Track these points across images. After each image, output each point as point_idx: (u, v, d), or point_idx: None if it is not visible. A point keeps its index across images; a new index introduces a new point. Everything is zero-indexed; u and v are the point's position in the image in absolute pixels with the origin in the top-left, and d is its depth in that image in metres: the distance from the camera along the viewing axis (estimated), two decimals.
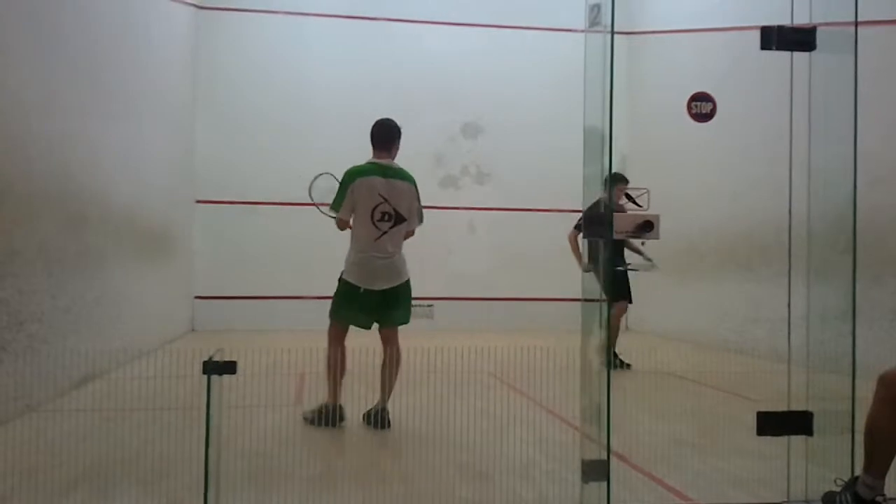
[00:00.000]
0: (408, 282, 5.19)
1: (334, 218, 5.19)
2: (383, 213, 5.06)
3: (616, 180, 7.37)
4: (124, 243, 7.50)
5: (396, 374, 5.09)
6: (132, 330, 7.53)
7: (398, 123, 5.40)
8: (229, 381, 2.99)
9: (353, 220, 5.09)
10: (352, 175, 5.11)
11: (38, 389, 5.09)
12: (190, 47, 11.14)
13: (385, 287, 5.08)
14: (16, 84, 5.01)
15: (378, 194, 5.04)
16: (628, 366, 7.20)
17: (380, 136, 5.34)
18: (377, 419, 4.89)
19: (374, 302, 5.07)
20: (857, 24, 3.28)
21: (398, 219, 5.10)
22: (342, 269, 5.18)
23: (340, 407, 4.94)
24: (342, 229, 5.23)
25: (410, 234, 5.32)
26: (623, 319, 8.11)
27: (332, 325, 5.20)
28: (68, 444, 4.18)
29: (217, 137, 11.68)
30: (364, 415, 5.02)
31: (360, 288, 5.03)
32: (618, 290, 7.22)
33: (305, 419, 4.96)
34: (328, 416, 4.81)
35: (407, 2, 12.39)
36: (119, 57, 7.47)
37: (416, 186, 5.25)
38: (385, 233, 5.07)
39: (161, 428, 4.64)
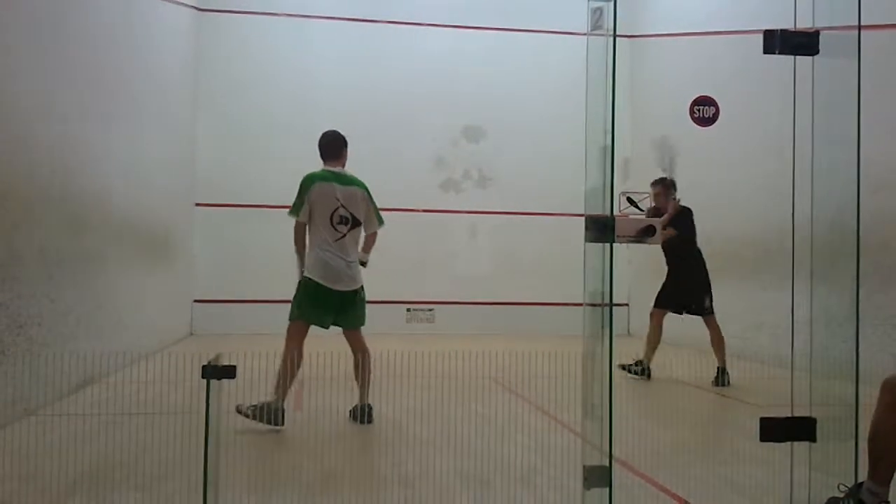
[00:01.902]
0: (362, 287, 5.44)
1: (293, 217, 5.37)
2: (341, 217, 5.33)
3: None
4: (124, 246, 7.49)
5: (370, 370, 5.30)
6: (131, 334, 7.51)
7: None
8: (229, 386, 2.97)
9: (312, 225, 5.31)
10: (311, 180, 5.42)
11: (37, 393, 5.07)
12: (191, 50, 11.14)
13: (344, 289, 5.28)
14: (16, 87, 5.00)
15: (335, 198, 5.35)
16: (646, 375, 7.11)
17: (330, 148, 5.76)
18: (361, 414, 5.12)
19: (334, 302, 5.28)
20: (860, 27, 3.26)
21: (354, 222, 5.37)
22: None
23: (283, 409, 4.92)
24: (300, 233, 5.39)
25: (373, 237, 5.58)
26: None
27: (295, 325, 5.32)
28: (67, 449, 4.16)
29: (217, 140, 11.68)
30: (350, 411, 5.22)
31: (325, 287, 5.22)
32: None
33: (240, 412, 4.77)
34: (270, 415, 4.80)
35: (408, 4, 12.39)
36: (120, 60, 7.46)
37: (368, 192, 5.61)
38: (344, 235, 5.31)
39: (160, 432, 4.61)
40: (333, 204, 5.33)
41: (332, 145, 5.76)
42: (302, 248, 5.38)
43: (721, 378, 6.66)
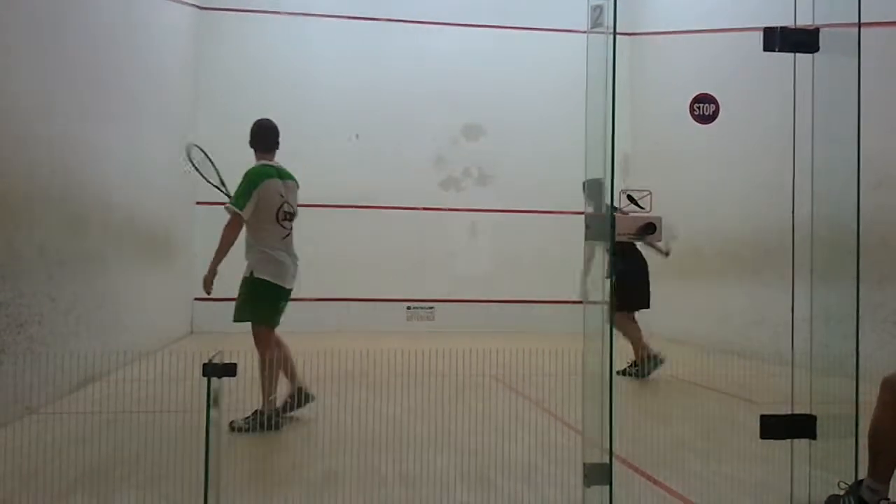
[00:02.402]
0: None
1: (233, 211, 5.25)
2: (286, 213, 5.27)
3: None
4: (124, 245, 7.49)
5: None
6: (132, 332, 7.52)
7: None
8: (229, 384, 2.98)
9: (254, 221, 5.18)
10: (260, 176, 5.22)
11: (37, 392, 5.07)
12: (191, 48, 11.14)
13: (291, 287, 5.32)
14: (16, 86, 5.00)
15: (279, 194, 5.23)
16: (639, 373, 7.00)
17: (269, 138, 5.50)
18: (293, 405, 5.08)
19: (285, 301, 5.30)
20: (860, 25, 3.26)
21: (293, 217, 5.35)
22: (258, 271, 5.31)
23: (278, 412, 4.91)
24: (237, 228, 5.26)
25: None
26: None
27: (263, 330, 5.20)
28: (68, 447, 4.16)
29: (218, 139, 11.64)
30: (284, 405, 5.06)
31: (280, 286, 5.21)
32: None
33: (235, 428, 4.70)
34: (267, 422, 4.78)
35: (408, 3, 12.39)
36: (120, 58, 7.46)
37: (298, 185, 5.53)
38: (289, 232, 5.29)
39: (161, 430, 4.62)
40: (279, 200, 5.20)
41: (271, 136, 5.52)
42: (228, 246, 5.28)
43: (635, 369, 6.92)
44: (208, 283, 5.38)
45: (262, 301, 5.19)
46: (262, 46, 11.96)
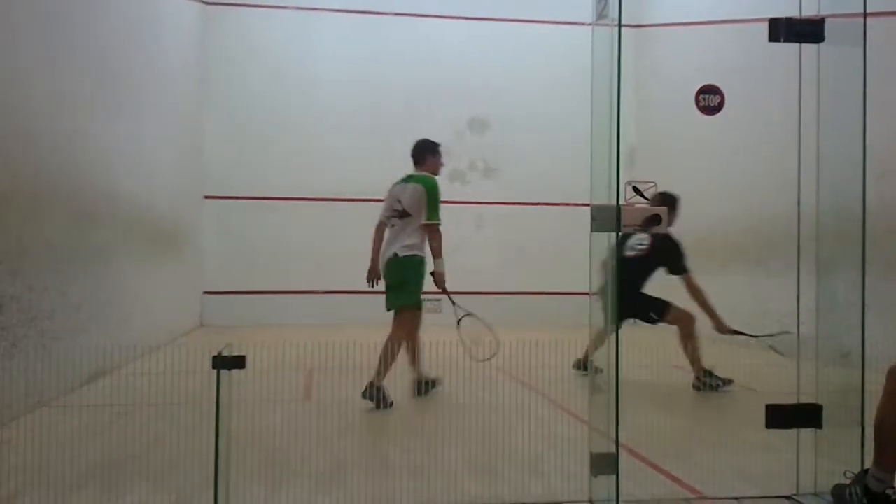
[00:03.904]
0: None
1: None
2: (395, 210, 6.06)
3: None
4: (133, 240, 7.53)
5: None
6: (142, 326, 7.57)
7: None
8: (239, 376, 3.00)
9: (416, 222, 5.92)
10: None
11: (49, 385, 5.12)
12: (198, 43, 11.16)
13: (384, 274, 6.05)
14: (24, 82, 5.03)
15: (395, 197, 6.13)
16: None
17: (413, 153, 6.54)
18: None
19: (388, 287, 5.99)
20: (865, 15, 3.26)
21: (400, 214, 6.07)
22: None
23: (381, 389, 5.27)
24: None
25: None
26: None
27: (418, 313, 5.93)
28: (79, 440, 4.20)
29: (225, 133, 11.71)
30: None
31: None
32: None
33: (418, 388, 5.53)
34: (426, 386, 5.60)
35: None
36: (127, 54, 7.49)
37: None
38: (394, 226, 6.05)
39: (171, 423, 4.66)
40: (391, 201, 6.14)
41: (413, 149, 6.56)
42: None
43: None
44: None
45: (421, 286, 6.03)
46: (268, 41, 11.97)
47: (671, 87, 10.83)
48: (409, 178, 6.08)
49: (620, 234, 3.71)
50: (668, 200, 6.17)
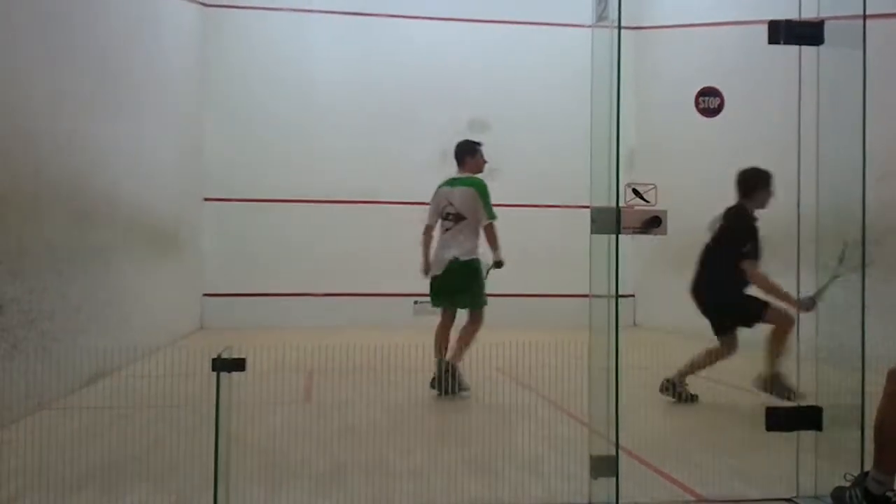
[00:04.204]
0: None
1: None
2: (447, 213, 6.32)
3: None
4: (133, 241, 7.53)
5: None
6: (142, 327, 7.57)
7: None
8: (239, 378, 3.00)
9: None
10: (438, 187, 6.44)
11: (49, 387, 5.12)
12: (197, 45, 11.17)
13: (437, 272, 6.35)
14: (24, 82, 5.03)
15: (446, 199, 6.38)
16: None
17: (455, 155, 6.83)
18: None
19: (438, 284, 6.34)
20: (865, 17, 3.26)
21: (455, 217, 6.32)
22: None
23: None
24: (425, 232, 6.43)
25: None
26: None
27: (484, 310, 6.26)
28: (79, 442, 4.20)
29: (225, 135, 11.71)
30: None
31: (434, 273, 6.30)
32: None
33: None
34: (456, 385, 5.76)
35: None
36: (126, 55, 7.49)
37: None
38: (450, 227, 6.29)
39: (171, 425, 4.66)
40: (444, 203, 6.36)
41: (456, 151, 6.82)
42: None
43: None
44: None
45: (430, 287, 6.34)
46: (267, 43, 11.97)
47: (671, 89, 10.84)
48: (454, 182, 6.34)
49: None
50: (758, 177, 5.82)
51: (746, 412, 5.21)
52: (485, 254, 6.31)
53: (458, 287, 6.07)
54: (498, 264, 6.18)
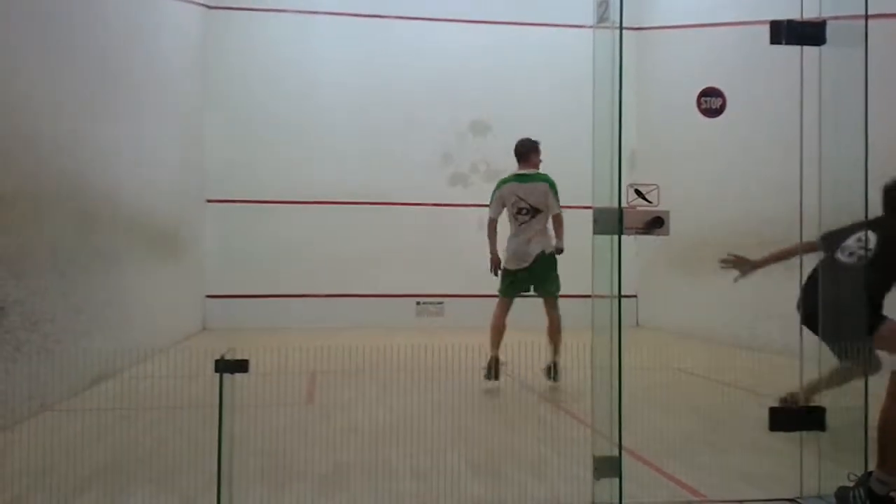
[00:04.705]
0: None
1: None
2: (519, 209, 6.64)
3: None
4: (135, 243, 7.54)
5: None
6: (144, 329, 7.57)
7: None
8: (241, 380, 3.01)
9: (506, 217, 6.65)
10: (498, 184, 6.85)
11: (52, 389, 5.13)
12: (199, 47, 11.18)
13: (516, 267, 6.74)
14: (25, 84, 5.04)
15: (515, 195, 6.66)
16: None
17: (517, 152, 6.89)
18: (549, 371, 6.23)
19: (514, 277, 6.76)
20: (867, 17, 3.26)
21: (528, 212, 6.60)
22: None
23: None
24: (489, 226, 6.85)
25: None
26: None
27: (500, 299, 6.74)
28: (82, 443, 4.21)
29: (227, 137, 11.72)
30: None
31: (506, 268, 6.76)
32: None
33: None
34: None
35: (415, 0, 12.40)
36: (128, 56, 7.50)
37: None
38: (524, 223, 6.61)
39: (174, 426, 4.67)
40: (513, 199, 6.60)
41: (518, 148, 6.84)
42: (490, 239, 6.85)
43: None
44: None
45: (502, 278, 6.76)
46: (270, 44, 11.98)
47: (673, 90, 10.84)
48: (524, 177, 6.59)
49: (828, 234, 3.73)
50: None
51: (750, 412, 5.21)
52: None
53: (545, 277, 6.54)
54: (559, 251, 6.57)
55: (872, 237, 4.39)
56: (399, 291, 11.99)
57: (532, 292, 6.65)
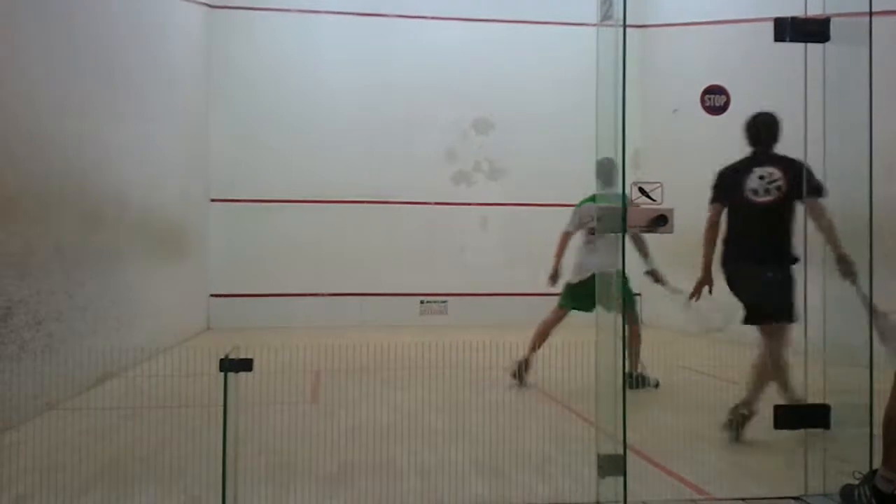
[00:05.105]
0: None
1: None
2: (591, 228, 6.50)
3: None
4: (140, 242, 7.55)
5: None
6: (149, 328, 7.59)
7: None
8: (246, 379, 3.01)
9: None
10: (581, 202, 6.74)
11: (57, 388, 5.14)
12: (203, 47, 11.19)
13: (576, 280, 6.79)
14: (30, 85, 5.05)
15: (589, 214, 6.49)
16: None
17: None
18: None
19: (580, 291, 6.61)
20: (871, 14, 3.25)
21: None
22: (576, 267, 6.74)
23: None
24: (563, 238, 6.90)
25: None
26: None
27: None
28: (87, 442, 4.22)
29: (231, 136, 11.74)
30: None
31: (570, 282, 6.87)
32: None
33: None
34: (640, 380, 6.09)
35: None
36: (133, 56, 7.51)
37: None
38: (592, 241, 6.51)
39: (178, 425, 4.67)
40: (588, 218, 6.53)
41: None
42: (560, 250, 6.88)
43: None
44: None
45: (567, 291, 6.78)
46: (273, 44, 11.99)
47: (676, 88, 10.81)
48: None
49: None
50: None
51: (754, 410, 5.20)
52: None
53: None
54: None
55: (776, 172, 4.48)
56: (402, 290, 12.00)
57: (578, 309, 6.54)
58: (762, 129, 4.77)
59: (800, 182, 4.03)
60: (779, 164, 4.47)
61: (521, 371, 6.13)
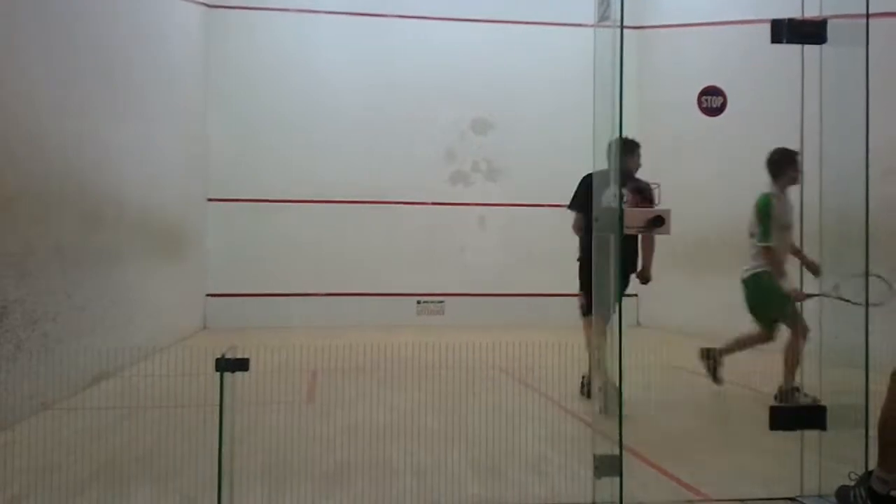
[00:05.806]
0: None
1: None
2: (751, 233, 5.83)
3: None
4: (138, 242, 7.54)
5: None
6: (146, 328, 7.58)
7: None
8: (242, 378, 3.01)
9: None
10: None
11: (52, 388, 5.13)
12: (202, 46, 11.18)
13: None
14: (30, 85, 5.04)
15: None
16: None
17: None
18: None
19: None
20: (868, 16, 3.25)
21: (752, 235, 5.75)
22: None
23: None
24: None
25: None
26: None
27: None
28: (83, 442, 4.21)
29: (229, 136, 11.73)
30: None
31: None
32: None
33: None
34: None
35: None
36: (132, 56, 7.51)
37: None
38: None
39: (175, 425, 4.67)
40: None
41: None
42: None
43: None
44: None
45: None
46: (272, 43, 11.99)
47: (674, 89, 10.83)
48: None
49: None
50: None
51: (750, 411, 5.21)
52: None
53: (753, 302, 5.74)
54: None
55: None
56: (400, 290, 12.00)
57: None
58: None
59: None
60: None
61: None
